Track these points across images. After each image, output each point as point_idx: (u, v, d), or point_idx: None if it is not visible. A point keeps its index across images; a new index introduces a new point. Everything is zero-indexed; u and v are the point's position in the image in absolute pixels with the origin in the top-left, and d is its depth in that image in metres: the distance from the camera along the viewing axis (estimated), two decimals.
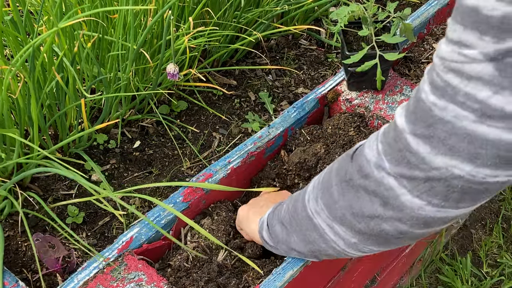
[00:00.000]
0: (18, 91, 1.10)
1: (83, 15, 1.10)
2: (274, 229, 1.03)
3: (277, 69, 1.63)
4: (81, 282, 1.04)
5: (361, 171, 0.81)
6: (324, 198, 0.88)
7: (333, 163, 0.92)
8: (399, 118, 0.75)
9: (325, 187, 0.89)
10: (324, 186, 0.89)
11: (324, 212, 0.88)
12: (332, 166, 0.91)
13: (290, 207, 0.99)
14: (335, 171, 0.88)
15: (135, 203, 1.27)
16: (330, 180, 0.88)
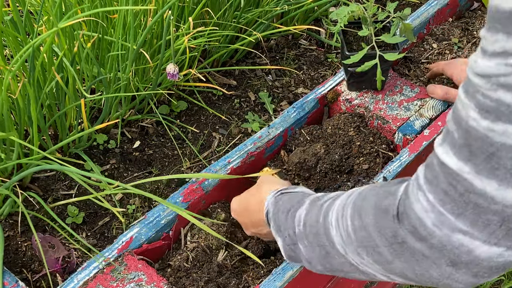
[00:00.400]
0: (18, 91, 1.10)
1: (83, 15, 1.10)
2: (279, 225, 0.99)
3: (277, 69, 1.63)
4: (81, 282, 1.04)
5: (417, 234, 0.69)
6: (372, 256, 0.77)
7: (358, 208, 0.80)
8: (447, 157, 0.66)
9: (368, 246, 0.77)
10: (364, 244, 0.78)
11: (375, 266, 0.78)
12: (363, 218, 0.78)
13: (307, 231, 0.90)
14: (375, 229, 0.76)
15: (135, 203, 1.27)
16: (371, 239, 0.76)
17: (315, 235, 0.88)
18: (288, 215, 0.95)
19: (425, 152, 1.34)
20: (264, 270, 1.15)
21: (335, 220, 0.84)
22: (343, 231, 0.81)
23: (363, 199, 0.80)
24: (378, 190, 0.79)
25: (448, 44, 1.78)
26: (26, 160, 1.15)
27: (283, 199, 1.00)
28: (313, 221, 0.88)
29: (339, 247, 0.83)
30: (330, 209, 0.86)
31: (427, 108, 1.40)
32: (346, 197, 0.84)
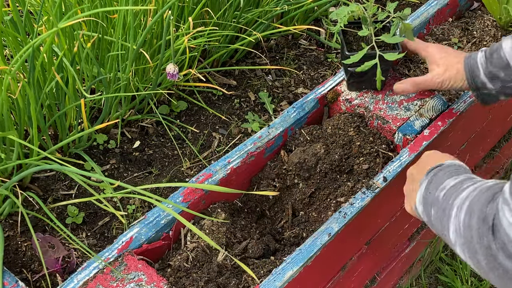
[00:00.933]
0: (18, 91, 1.10)
1: (82, 15, 1.10)
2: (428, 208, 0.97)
3: (277, 69, 1.63)
4: (81, 282, 1.04)
5: (506, 251, 0.70)
6: (471, 260, 0.79)
7: (472, 206, 0.80)
8: None
9: (470, 248, 0.78)
10: (467, 245, 0.79)
11: (471, 262, 0.80)
12: (471, 217, 0.79)
13: (438, 212, 0.91)
14: (477, 235, 0.76)
15: (135, 203, 1.27)
16: (472, 243, 0.78)
17: (443, 210, 0.88)
18: (444, 177, 0.95)
19: None
20: (264, 270, 1.15)
21: (456, 208, 0.84)
22: (457, 222, 0.82)
23: (477, 199, 0.80)
24: (489, 191, 0.79)
25: (448, 44, 1.78)
26: (26, 161, 1.15)
27: (455, 165, 0.99)
28: (448, 197, 0.89)
29: (451, 236, 0.84)
30: (459, 195, 0.86)
31: (427, 108, 1.40)
32: (473, 189, 0.84)
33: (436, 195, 0.93)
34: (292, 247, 1.22)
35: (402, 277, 1.81)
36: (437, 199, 0.92)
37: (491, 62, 1.19)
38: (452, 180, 0.92)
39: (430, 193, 0.95)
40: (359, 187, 1.24)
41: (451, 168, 0.98)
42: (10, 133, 1.10)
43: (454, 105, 1.40)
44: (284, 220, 1.29)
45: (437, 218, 0.90)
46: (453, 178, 0.93)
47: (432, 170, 1.00)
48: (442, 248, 1.99)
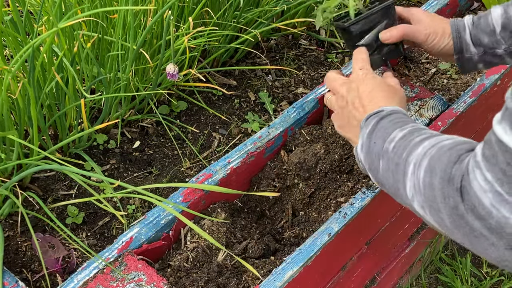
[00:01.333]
0: (18, 91, 1.10)
1: (82, 15, 1.10)
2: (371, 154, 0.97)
3: (276, 69, 1.63)
4: (81, 282, 1.04)
5: (476, 212, 0.69)
6: (434, 217, 0.78)
7: (432, 165, 0.79)
8: (505, 135, 0.65)
9: (432, 206, 0.78)
10: (429, 203, 0.79)
11: (436, 225, 0.79)
12: (432, 177, 0.78)
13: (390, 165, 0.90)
14: (441, 194, 0.75)
15: (135, 203, 1.27)
16: (435, 201, 0.77)
17: (396, 165, 0.88)
18: (389, 127, 0.95)
19: None
20: (264, 270, 1.15)
21: (413, 165, 0.83)
22: (416, 180, 0.82)
23: (438, 157, 0.79)
24: (452, 152, 0.78)
25: None
26: (26, 161, 1.15)
27: (399, 114, 0.99)
28: (399, 151, 0.88)
29: (408, 192, 0.84)
30: (414, 150, 0.85)
31: (427, 108, 1.40)
32: (429, 147, 0.83)
33: (384, 147, 0.92)
34: (292, 247, 1.22)
35: (402, 277, 1.81)
36: (386, 152, 0.91)
37: (477, 26, 1.17)
38: (399, 132, 0.92)
39: (375, 143, 0.95)
40: (359, 187, 1.24)
41: (394, 117, 0.98)
42: (10, 133, 1.10)
43: (454, 105, 1.41)
44: (284, 220, 1.29)
45: (389, 170, 0.90)
46: (399, 129, 0.93)
47: (373, 117, 1.00)
48: (442, 248, 1.99)
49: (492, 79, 1.48)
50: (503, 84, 1.55)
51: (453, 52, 1.21)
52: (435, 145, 0.83)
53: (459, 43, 1.20)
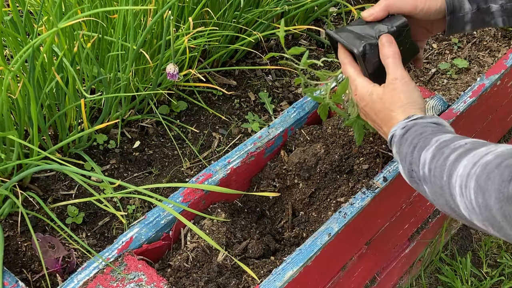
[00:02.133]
0: (18, 91, 1.10)
1: (82, 15, 1.10)
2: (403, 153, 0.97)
3: (276, 69, 1.63)
4: (81, 282, 1.04)
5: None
6: (498, 232, 0.80)
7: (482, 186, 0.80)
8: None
9: (494, 224, 0.79)
10: (490, 222, 0.80)
11: (499, 236, 0.81)
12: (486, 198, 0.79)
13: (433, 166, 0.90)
14: (500, 214, 0.77)
15: (135, 203, 1.27)
16: (496, 221, 0.78)
17: (440, 188, 0.88)
18: (414, 152, 0.95)
19: None
20: (264, 270, 1.15)
21: (459, 187, 0.84)
22: (467, 201, 0.82)
23: (487, 177, 0.79)
24: (503, 170, 0.78)
25: (448, 44, 1.79)
26: (26, 161, 1.15)
27: (411, 131, 0.98)
28: (437, 173, 0.89)
29: (464, 212, 0.84)
30: (454, 171, 0.85)
31: (427, 108, 1.40)
32: (471, 165, 0.83)
33: (421, 173, 0.92)
34: (292, 247, 1.22)
35: (402, 277, 1.81)
36: (424, 177, 0.92)
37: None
38: (426, 152, 0.92)
39: (412, 170, 0.95)
40: (359, 187, 1.24)
41: (409, 138, 0.97)
42: (10, 133, 1.10)
43: (454, 105, 1.41)
44: (284, 220, 1.29)
45: (436, 193, 0.90)
46: (424, 150, 0.93)
47: (391, 145, 1.00)
48: (442, 248, 1.99)
49: (492, 79, 1.48)
50: (503, 84, 1.56)
51: (445, 13, 1.11)
52: (477, 163, 0.83)
53: (452, 2, 1.10)
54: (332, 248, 1.17)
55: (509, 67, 1.52)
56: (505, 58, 1.55)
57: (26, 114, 1.18)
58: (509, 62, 1.53)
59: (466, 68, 1.70)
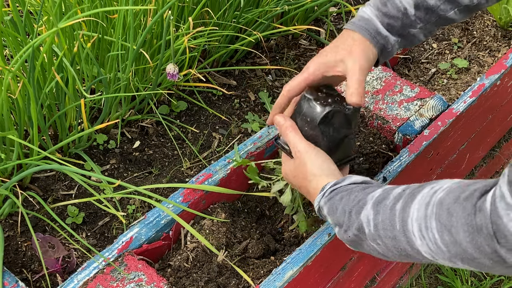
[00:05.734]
0: (18, 91, 1.10)
1: (82, 15, 1.10)
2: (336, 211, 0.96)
3: (277, 69, 1.63)
4: (81, 282, 1.04)
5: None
6: (469, 264, 0.80)
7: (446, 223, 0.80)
8: None
9: (465, 258, 0.79)
10: (460, 256, 0.80)
11: (470, 268, 0.81)
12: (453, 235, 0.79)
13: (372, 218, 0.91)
14: (472, 247, 0.77)
15: (135, 204, 1.27)
16: (467, 254, 0.79)
17: (393, 238, 0.88)
18: (351, 215, 0.94)
19: (425, 152, 1.34)
20: (264, 270, 1.15)
21: (418, 231, 0.84)
22: (430, 243, 0.83)
23: (448, 213, 0.80)
24: (463, 204, 0.79)
25: (448, 44, 1.79)
26: (26, 161, 1.15)
27: (336, 199, 0.97)
28: (386, 225, 0.89)
29: (427, 255, 0.85)
30: (408, 217, 0.85)
31: (427, 108, 1.40)
32: (424, 207, 0.83)
33: (368, 233, 0.92)
34: (292, 247, 1.22)
35: (402, 277, 1.81)
36: (372, 236, 0.91)
37: (385, 14, 1.06)
38: (362, 211, 0.92)
39: (350, 236, 0.95)
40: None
41: (330, 206, 0.97)
42: (10, 133, 1.10)
43: (454, 105, 1.41)
44: (284, 220, 1.29)
45: (390, 249, 0.90)
46: (356, 212, 0.93)
47: (321, 212, 1.00)
48: None
49: (492, 79, 1.48)
50: (503, 84, 1.56)
51: (377, 55, 1.07)
52: (429, 203, 0.83)
53: (380, 45, 1.06)
54: (332, 248, 1.17)
55: (509, 67, 1.52)
56: (505, 58, 1.55)
57: (26, 114, 1.18)
58: (509, 62, 1.53)
59: (466, 68, 1.70)
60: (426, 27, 1.09)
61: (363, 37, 1.05)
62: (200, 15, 1.48)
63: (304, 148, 1.04)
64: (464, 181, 0.83)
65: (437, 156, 1.43)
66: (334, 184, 0.99)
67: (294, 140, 1.05)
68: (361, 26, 1.05)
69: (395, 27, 1.07)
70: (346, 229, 0.96)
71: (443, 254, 0.82)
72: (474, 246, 0.77)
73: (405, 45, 1.11)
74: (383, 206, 0.90)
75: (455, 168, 1.63)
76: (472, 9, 1.09)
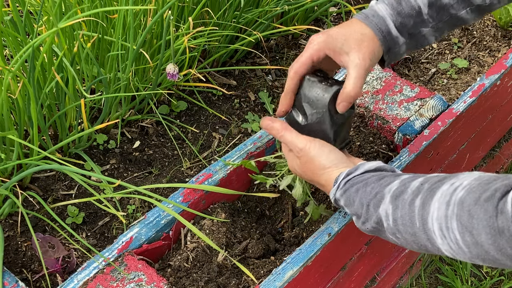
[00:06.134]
0: (18, 91, 1.10)
1: (82, 15, 1.10)
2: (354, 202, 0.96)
3: (277, 69, 1.63)
4: (81, 282, 1.04)
5: None
6: (490, 263, 0.81)
7: (467, 224, 0.80)
8: None
9: (486, 259, 0.80)
10: (482, 258, 0.80)
11: (465, 254, 0.82)
12: (475, 236, 0.79)
13: (392, 211, 0.90)
14: (494, 249, 0.77)
15: (135, 203, 1.27)
16: (489, 255, 0.79)
17: (413, 235, 0.88)
18: (369, 208, 0.94)
19: (425, 152, 1.34)
20: (264, 270, 1.15)
21: (439, 230, 0.83)
22: (452, 243, 0.83)
23: (469, 215, 0.79)
24: (484, 205, 0.78)
25: (448, 44, 1.79)
26: (26, 161, 1.15)
27: (351, 191, 0.97)
28: (406, 221, 0.88)
29: (448, 254, 0.85)
30: (428, 216, 0.85)
31: (427, 108, 1.40)
32: (445, 206, 0.83)
33: (386, 226, 0.92)
34: (292, 247, 1.22)
35: (402, 277, 1.81)
36: (390, 229, 0.91)
37: (400, 12, 1.05)
38: (380, 204, 0.92)
39: (369, 228, 0.95)
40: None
41: (346, 195, 0.97)
42: (10, 133, 1.10)
43: (454, 105, 1.41)
44: (284, 220, 1.29)
45: (410, 243, 0.90)
46: (373, 206, 0.93)
47: (338, 203, 1.00)
48: None
49: (492, 79, 1.48)
50: (503, 84, 1.56)
51: (383, 53, 1.06)
52: (450, 202, 0.83)
53: (386, 43, 1.05)
54: (332, 248, 1.17)
55: (509, 67, 1.52)
56: (505, 58, 1.55)
57: (26, 114, 1.18)
58: (509, 62, 1.53)
59: (466, 68, 1.70)
60: (438, 26, 1.08)
61: (374, 35, 1.04)
62: (200, 15, 1.48)
63: (305, 144, 1.04)
64: (484, 177, 0.82)
65: (437, 156, 1.43)
66: (347, 174, 0.98)
67: (291, 139, 1.05)
68: (375, 23, 1.04)
69: (406, 26, 1.06)
70: (364, 221, 0.96)
71: (464, 255, 0.82)
72: (496, 248, 0.77)
73: (414, 46, 1.10)
74: (401, 200, 0.89)
75: (455, 168, 1.63)
76: (484, 9, 1.09)
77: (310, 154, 1.03)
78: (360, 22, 1.05)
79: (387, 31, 1.04)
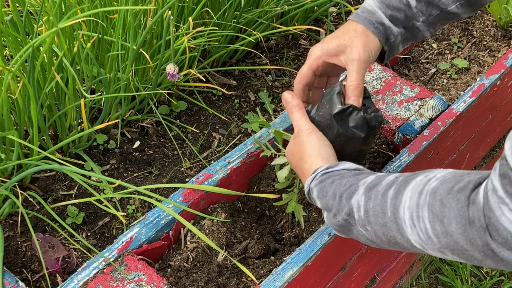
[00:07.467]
0: (18, 91, 1.10)
1: (82, 15, 1.10)
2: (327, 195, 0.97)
3: (277, 69, 1.63)
4: (81, 282, 1.04)
5: (508, 245, 0.74)
6: (459, 255, 0.80)
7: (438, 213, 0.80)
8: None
9: (455, 249, 0.80)
10: (451, 248, 0.80)
11: (459, 259, 0.82)
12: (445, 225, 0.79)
13: (364, 203, 0.91)
14: (464, 238, 0.77)
15: (135, 204, 1.27)
16: (458, 245, 0.79)
17: (383, 225, 0.88)
18: (342, 200, 0.94)
19: (425, 152, 1.34)
20: (264, 270, 1.15)
21: (409, 219, 0.84)
22: (421, 233, 0.83)
23: (441, 204, 0.80)
24: (457, 195, 0.79)
25: (448, 44, 1.79)
26: (26, 161, 1.15)
27: (327, 182, 0.97)
28: (378, 212, 0.89)
29: (417, 244, 0.85)
30: (400, 205, 0.86)
31: (427, 108, 1.40)
32: (417, 195, 0.83)
33: (357, 218, 0.92)
34: (292, 247, 1.22)
35: (402, 277, 1.81)
36: (361, 221, 0.91)
37: (388, 5, 1.07)
38: (354, 196, 0.92)
39: (339, 220, 0.95)
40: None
41: (321, 189, 0.98)
42: (10, 133, 1.10)
43: (454, 105, 1.41)
44: (284, 220, 1.29)
45: (379, 236, 0.90)
46: (346, 197, 0.93)
47: (310, 197, 1.01)
48: None
49: (492, 79, 1.48)
50: (503, 84, 1.56)
51: (381, 45, 1.08)
52: (422, 192, 0.83)
53: (384, 33, 1.08)
54: (332, 248, 1.17)
55: (509, 67, 1.52)
56: (505, 58, 1.55)
57: (26, 114, 1.18)
58: (509, 62, 1.54)
59: (466, 68, 1.70)
60: (429, 20, 1.09)
61: (366, 29, 1.07)
62: (200, 15, 1.48)
63: (307, 128, 1.05)
64: (458, 171, 0.83)
65: (437, 156, 1.43)
66: (326, 168, 0.99)
67: (298, 119, 1.07)
68: (364, 18, 1.07)
69: (398, 18, 1.08)
70: (335, 213, 0.96)
71: (433, 245, 0.82)
72: (465, 238, 0.77)
73: (410, 38, 1.11)
74: (375, 192, 0.90)
75: (455, 168, 1.62)
76: (474, 3, 1.09)
77: (305, 139, 1.04)
78: (352, 21, 1.09)
79: (378, 22, 1.07)
